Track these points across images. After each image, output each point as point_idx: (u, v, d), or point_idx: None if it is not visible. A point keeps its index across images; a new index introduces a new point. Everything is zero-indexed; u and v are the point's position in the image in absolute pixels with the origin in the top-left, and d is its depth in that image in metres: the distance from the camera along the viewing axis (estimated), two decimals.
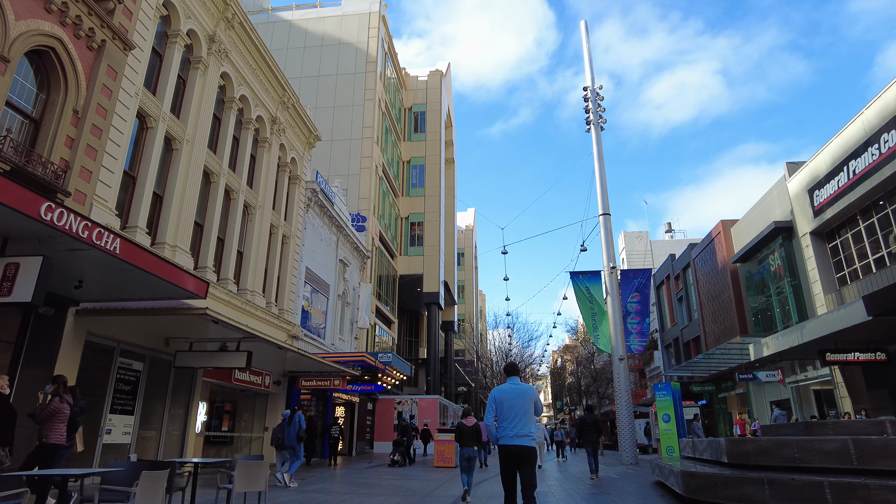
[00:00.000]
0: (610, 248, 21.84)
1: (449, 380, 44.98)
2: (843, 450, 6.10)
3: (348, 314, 26.69)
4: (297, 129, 21.21)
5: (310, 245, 22.08)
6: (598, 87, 24.18)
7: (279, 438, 12.26)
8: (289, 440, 12.22)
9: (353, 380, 23.04)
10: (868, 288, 18.50)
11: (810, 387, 23.04)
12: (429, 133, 41.93)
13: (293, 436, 12.25)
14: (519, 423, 5.58)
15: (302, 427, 12.37)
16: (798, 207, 22.27)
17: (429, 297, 38.01)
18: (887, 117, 17.01)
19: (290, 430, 12.27)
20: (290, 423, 12.34)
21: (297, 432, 12.25)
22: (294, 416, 12.44)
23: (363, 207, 30.28)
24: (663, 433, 17.37)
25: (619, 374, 20.49)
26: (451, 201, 49.46)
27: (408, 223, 39.39)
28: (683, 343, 37.70)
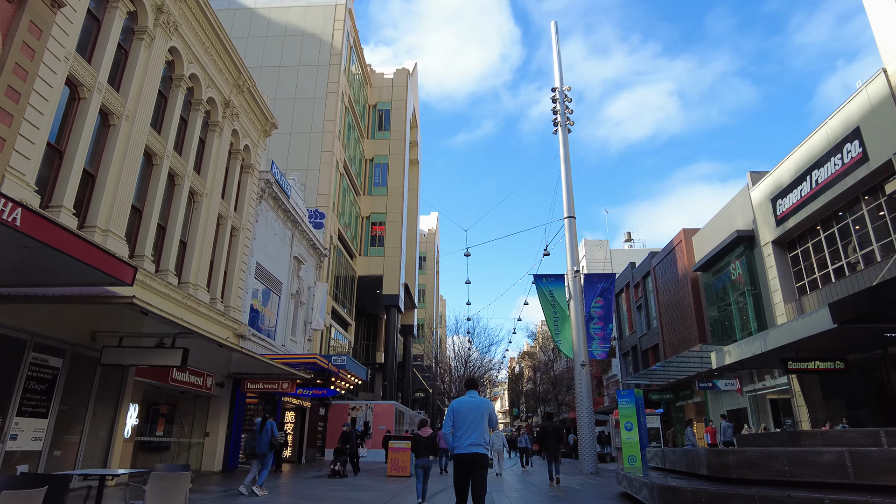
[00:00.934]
0: (574, 251, 21.40)
1: (406, 385, 43.91)
2: (838, 463, 5.53)
3: (302, 314, 25.45)
4: (252, 116, 20.01)
5: (262, 239, 20.85)
6: (566, 89, 23.83)
7: (252, 447, 11.95)
8: (260, 448, 11.80)
9: (304, 383, 21.85)
10: (827, 297, 18.54)
11: (767, 396, 23.10)
12: (393, 132, 41.01)
13: (265, 443, 11.82)
14: (474, 433, 6.05)
15: (274, 434, 12.01)
16: (761, 216, 22.34)
17: (388, 299, 36.97)
18: (850, 128, 17.09)
19: (261, 437, 11.87)
20: (261, 431, 11.93)
21: (269, 440, 11.85)
22: (266, 423, 12.00)
23: (322, 204, 29.11)
24: (625, 442, 16.85)
25: (581, 379, 19.99)
26: (415, 203, 48.60)
27: (369, 223, 38.30)
28: (642, 351, 37.77)
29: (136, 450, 14.25)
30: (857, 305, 12.38)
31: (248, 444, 12.10)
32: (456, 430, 6.14)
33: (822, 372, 16.73)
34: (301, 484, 14.03)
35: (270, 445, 11.86)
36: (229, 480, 14.40)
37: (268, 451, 11.81)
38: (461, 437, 6.06)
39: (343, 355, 24.16)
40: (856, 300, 12.59)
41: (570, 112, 23.51)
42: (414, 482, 15.24)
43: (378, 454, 25.85)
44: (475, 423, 6.09)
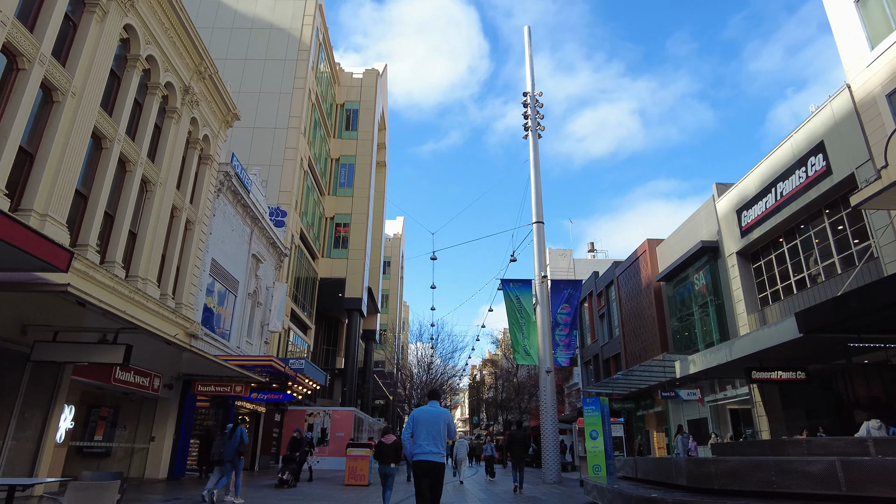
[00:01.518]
0: (542, 256, 21.16)
1: (366, 392, 42.95)
2: (829, 473, 5.22)
3: (259, 315, 24.44)
4: (213, 105, 19.08)
5: (218, 235, 19.87)
6: (537, 94, 23.69)
7: (220, 453, 11.69)
8: (228, 454, 11.51)
9: (259, 387, 20.88)
10: (789, 308, 18.74)
11: (727, 406, 23.26)
12: (361, 132, 40.28)
13: (233, 450, 11.52)
14: (433, 441, 6.32)
15: (244, 442, 11.73)
16: (726, 227, 22.56)
17: (351, 302, 36.08)
18: (814, 142, 17.35)
19: (230, 443, 11.59)
20: (231, 437, 11.64)
21: (237, 447, 11.56)
22: (236, 429, 11.70)
23: (284, 201, 28.16)
24: (590, 451, 16.60)
25: (546, 387, 19.68)
26: (381, 205, 47.87)
27: (333, 223, 37.39)
28: (603, 360, 37.89)
29: (71, 456, 13.15)
30: (824, 315, 12.37)
31: (217, 449, 11.83)
32: (415, 438, 6.41)
33: (783, 382, 16.82)
34: (248, 494, 13.18)
35: (238, 453, 11.58)
36: (174, 489, 13.43)
37: (235, 458, 11.54)
38: (420, 444, 6.34)
39: (301, 359, 23.25)
40: (822, 310, 12.58)
41: (540, 118, 23.36)
42: (371, 492, 14.58)
43: (338, 462, 24.95)
44: (434, 432, 6.37)
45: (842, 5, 16.51)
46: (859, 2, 15.95)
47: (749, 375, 16.26)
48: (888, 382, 17.05)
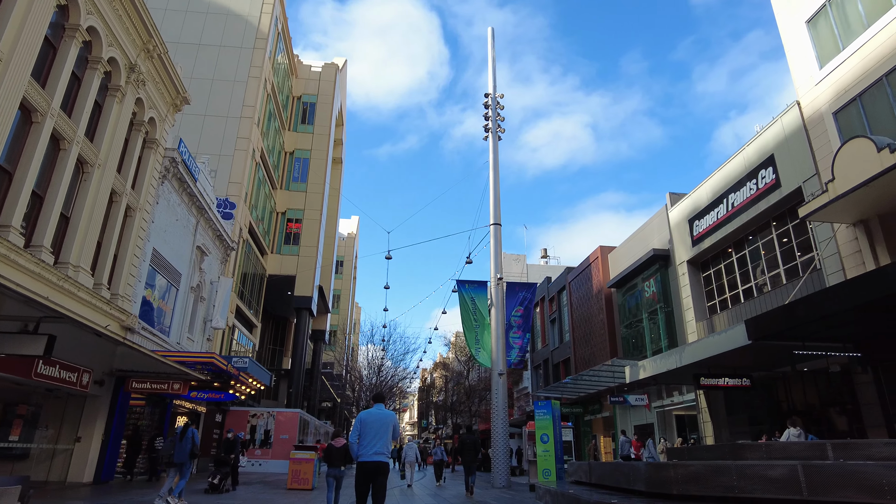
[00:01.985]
0: (499, 258, 21.01)
1: (313, 394, 41.84)
2: (790, 477, 5.11)
3: (202, 311, 23.32)
4: (161, 86, 18.05)
5: (161, 223, 18.80)
6: (498, 96, 23.60)
7: (169, 455, 11.36)
8: (179, 456, 11.17)
9: (200, 386, 19.89)
10: (737, 317, 19.21)
11: (673, 412, 23.69)
12: (318, 126, 39.35)
13: (185, 452, 11.19)
14: (378, 443, 6.53)
15: (196, 443, 11.44)
16: (678, 236, 23.01)
17: (300, 301, 35.07)
18: (765, 155, 17.86)
19: (181, 445, 11.25)
20: (181, 439, 11.32)
21: (189, 449, 11.25)
22: (188, 430, 11.42)
23: (233, 193, 27.07)
24: (541, 455, 16.46)
25: (498, 389, 19.50)
26: (335, 203, 46.93)
27: (284, 219, 36.30)
28: (553, 364, 38.18)
29: None
30: (773, 322, 12.62)
31: (167, 451, 11.63)
32: (362, 440, 6.60)
33: (728, 389, 17.18)
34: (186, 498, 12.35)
35: (191, 455, 11.24)
36: (99, 494, 12.45)
37: (187, 461, 11.18)
38: (366, 445, 6.54)
39: (245, 357, 22.32)
40: (771, 317, 12.84)
41: (501, 120, 23.27)
42: (314, 496, 13.98)
43: (281, 465, 24.03)
44: (380, 433, 6.58)
45: (794, 25, 17.06)
46: (810, 22, 16.52)
47: (698, 382, 16.50)
48: (823, 390, 17.66)
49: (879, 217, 13.77)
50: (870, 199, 12.97)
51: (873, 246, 13.82)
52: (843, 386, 15.59)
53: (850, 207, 13.43)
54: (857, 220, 14.14)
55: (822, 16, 16.15)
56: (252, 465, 25.55)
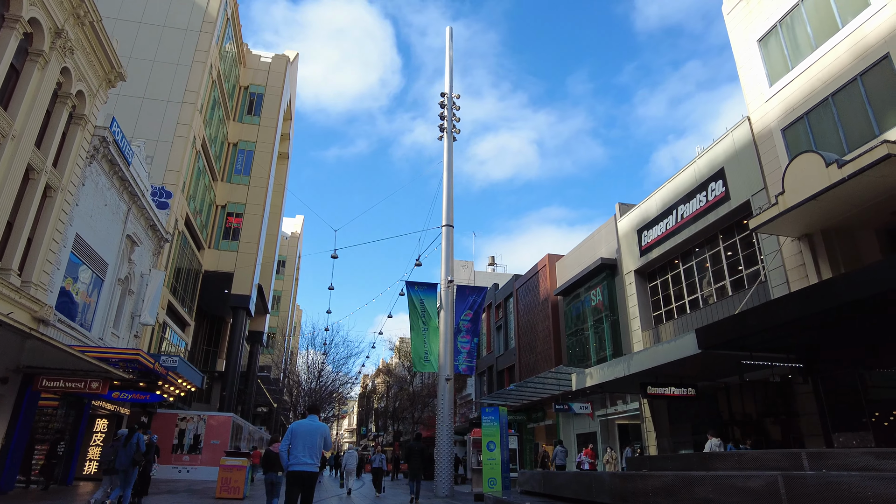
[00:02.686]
0: (450, 260, 20.50)
1: (249, 398, 40.00)
2: (770, 489, 4.78)
3: (130, 305, 21.65)
4: (92, 57, 16.58)
5: (87, 207, 17.25)
6: (455, 96, 23.22)
7: (110, 461, 10.73)
8: (121, 463, 10.63)
9: (123, 385, 18.36)
10: (683, 327, 19.44)
11: (616, 421, 23.81)
12: (264, 118, 37.83)
13: (128, 458, 10.67)
14: (309, 453, 6.87)
15: (141, 449, 10.94)
16: (626, 246, 23.21)
17: (238, 300, 33.42)
18: (715, 168, 18.19)
19: (124, 451, 10.70)
20: (126, 445, 10.75)
21: (132, 455, 10.73)
22: (133, 435, 10.92)
23: (170, 182, 25.44)
24: (486, 463, 15.99)
25: (444, 395, 18.93)
26: (280, 199, 45.30)
27: (224, 212, 34.58)
28: (497, 371, 38.01)
29: None
30: (723, 332, 12.65)
31: (106, 456, 10.81)
32: (292, 450, 6.89)
33: (672, 398, 17.27)
34: None
35: (134, 462, 10.73)
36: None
37: (130, 468, 10.68)
38: (296, 455, 6.85)
39: (175, 356, 20.84)
40: (721, 326, 12.88)
41: (457, 120, 22.87)
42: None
43: (211, 472, 22.52)
44: (311, 444, 6.91)
45: (746, 43, 17.48)
46: (762, 41, 16.95)
47: (645, 390, 16.48)
48: (763, 400, 18.06)
49: (822, 232, 14.13)
50: (816, 214, 13.26)
51: (816, 260, 14.16)
52: (784, 396, 15.92)
53: (797, 221, 13.70)
54: (802, 234, 14.47)
55: (772, 35, 16.60)
56: (179, 472, 23.91)
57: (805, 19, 15.44)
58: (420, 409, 35.36)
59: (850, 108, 13.84)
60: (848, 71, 13.92)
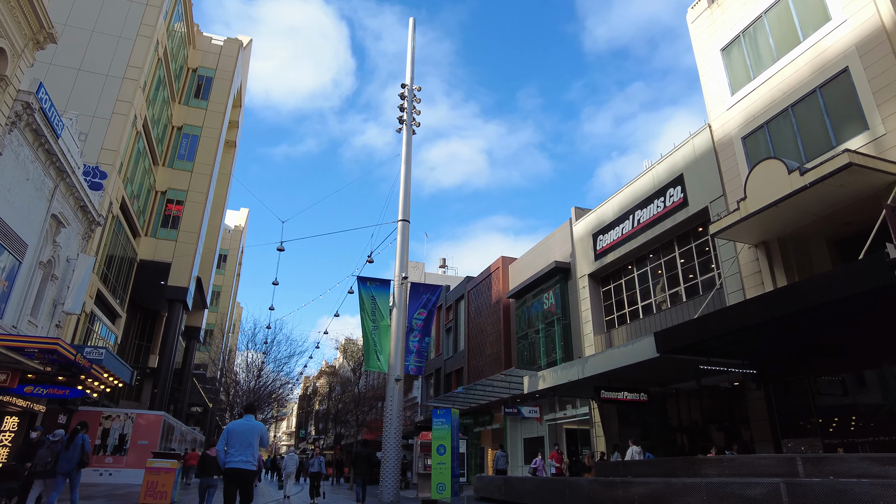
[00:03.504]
0: (405, 256, 19.77)
1: (182, 397, 37.81)
2: (772, 496, 4.35)
3: (52, 291, 19.82)
4: (17, 13, 14.97)
5: (5, 180, 15.56)
6: (416, 88, 22.58)
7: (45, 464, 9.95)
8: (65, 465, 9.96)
9: (40, 379, 16.62)
10: (636, 332, 19.41)
11: (564, 425, 23.63)
12: (213, 103, 36.00)
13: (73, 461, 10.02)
14: (245, 451, 7.04)
15: (86, 451, 10.28)
16: (580, 250, 23.12)
17: (175, 292, 31.51)
18: (674, 174, 18.27)
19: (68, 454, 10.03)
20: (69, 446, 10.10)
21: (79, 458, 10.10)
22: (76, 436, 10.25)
23: (106, 161, 23.60)
24: (436, 468, 15.33)
25: (393, 396, 18.13)
26: (224, 189, 43.32)
27: (164, 199, 32.57)
28: (445, 374, 37.45)
29: None
30: (682, 336, 12.50)
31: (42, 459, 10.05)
32: (229, 449, 7.08)
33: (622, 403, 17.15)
34: None
35: (80, 464, 10.13)
36: None
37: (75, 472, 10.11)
38: (233, 454, 7.03)
39: (101, 348, 19.16)
40: (681, 330, 12.73)
41: (417, 113, 22.23)
42: None
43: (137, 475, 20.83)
44: (247, 443, 7.09)
45: (710, 51, 17.65)
46: (725, 50, 17.14)
47: (598, 394, 16.27)
48: (707, 407, 18.23)
49: (779, 240, 14.28)
50: (775, 221, 13.35)
51: (772, 267, 14.28)
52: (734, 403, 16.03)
53: (756, 228, 13.78)
54: (759, 242, 14.59)
55: (735, 45, 16.80)
56: (101, 475, 22.09)
57: (768, 31, 15.67)
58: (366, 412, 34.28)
59: (809, 119, 14.06)
60: (808, 83, 14.14)
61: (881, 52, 12.52)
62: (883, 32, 12.58)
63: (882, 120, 12.22)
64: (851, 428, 12.13)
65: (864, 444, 11.51)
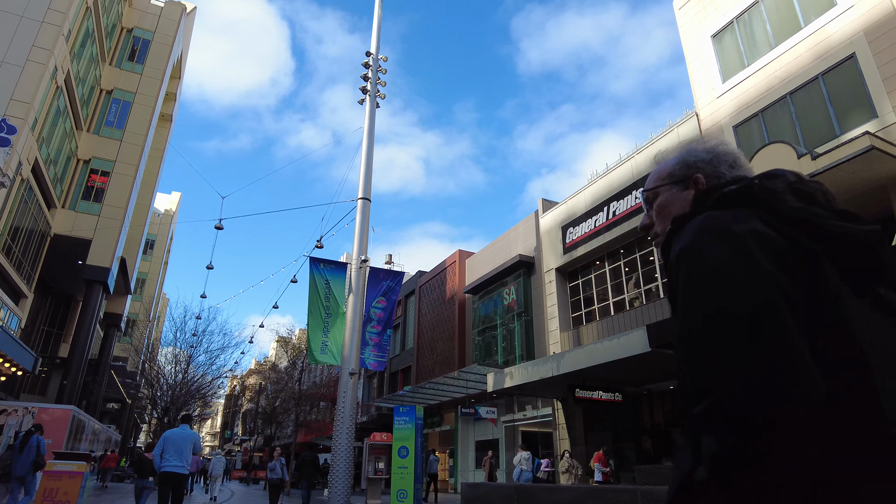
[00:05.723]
0: (364, 237, 17.93)
1: (97, 391, 34.06)
2: None
3: None
4: None
5: None
6: (381, 58, 20.83)
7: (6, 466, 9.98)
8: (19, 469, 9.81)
9: None
10: (606, 330, 18.39)
11: (520, 427, 22.39)
12: (149, 68, 32.68)
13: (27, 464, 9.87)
14: (179, 457, 8.02)
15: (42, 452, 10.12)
16: (548, 243, 21.99)
17: (95, 272, 28.14)
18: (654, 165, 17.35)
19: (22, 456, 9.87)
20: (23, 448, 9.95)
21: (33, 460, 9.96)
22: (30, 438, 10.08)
23: (16, 114, 20.42)
24: (397, 472, 13.60)
25: (347, 392, 16.16)
26: (156, 166, 39.74)
27: (87, 168, 29.08)
28: (391, 373, 35.63)
29: None
30: None
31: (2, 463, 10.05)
32: (165, 454, 7.97)
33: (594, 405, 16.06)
34: None
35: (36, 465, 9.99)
36: None
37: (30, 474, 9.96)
38: (168, 458, 7.95)
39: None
40: None
41: (382, 84, 20.46)
42: None
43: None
44: (181, 449, 8.06)
45: (698, 38, 16.90)
46: (716, 37, 16.40)
47: (573, 393, 15.06)
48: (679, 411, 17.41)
49: None
50: None
51: None
52: None
53: None
54: None
55: (728, 32, 16.08)
56: None
57: (765, 17, 14.99)
58: (307, 411, 31.88)
59: (810, 106, 13.39)
60: (809, 70, 13.48)
61: (892, 38, 11.93)
62: (895, 18, 11.99)
63: (893, 108, 11.59)
64: None
65: None
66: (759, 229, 0.93)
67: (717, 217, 0.97)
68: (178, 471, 7.90)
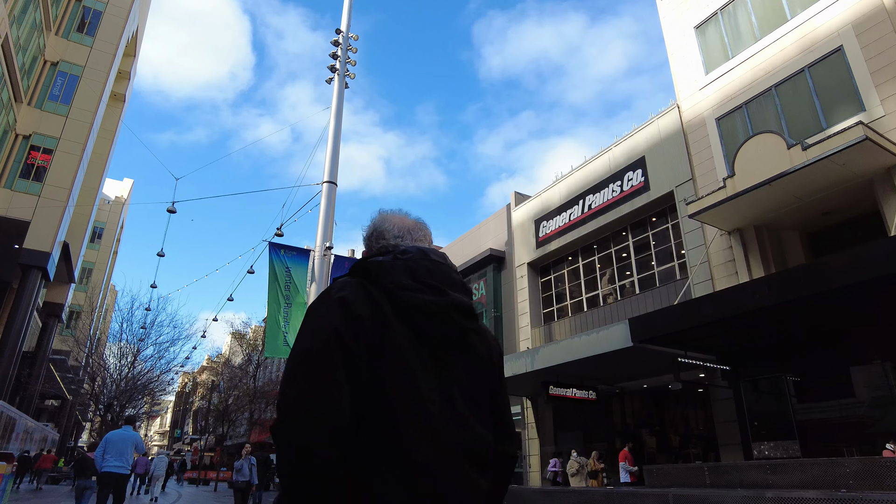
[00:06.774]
0: (329, 223, 16.90)
1: (34, 385, 31.72)
2: None
3: None
4: None
5: None
6: (352, 37, 19.82)
7: None
8: None
9: None
10: (579, 326, 17.88)
11: None
12: (100, 41, 30.61)
13: None
14: (120, 458, 8.11)
15: None
16: (520, 237, 21.37)
17: (33, 256, 26.04)
18: (634, 157, 16.95)
19: None
20: None
21: None
22: None
23: None
24: None
25: None
26: (106, 148, 37.40)
27: (27, 144, 26.92)
28: None
29: None
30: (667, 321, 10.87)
31: None
32: (106, 455, 8.03)
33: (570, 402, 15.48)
34: None
35: None
36: None
37: None
38: (108, 460, 8.01)
39: None
40: (665, 315, 11.11)
41: (352, 63, 19.46)
42: None
43: None
44: (122, 450, 8.15)
45: (680, 29, 16.56)
46: (699, 28, 16.07)
47: (547, 390, 14.43)
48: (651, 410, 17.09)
49: (755, 228, 13.17)
50: (760, 203, 12.17)
51: (747, 256, 13.14)
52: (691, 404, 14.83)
53: (737, 211, 12.55)
54: (734, 229, 13.42)
55: (711, 23, 15.76)
56: None
57: (749, 9, 14.69)
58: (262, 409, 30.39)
59: (795, 99, 13.11)
60: (795, 62, 13.20)
61: (881, 31, 11.70)
62: (883, 10, 11.78)
63: (881, 101, 11.35)
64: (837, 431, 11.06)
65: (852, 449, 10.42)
66: (347, 296, 1.28)
67: (335, 282, 1.36)
68: (119, 471, 8.02)
